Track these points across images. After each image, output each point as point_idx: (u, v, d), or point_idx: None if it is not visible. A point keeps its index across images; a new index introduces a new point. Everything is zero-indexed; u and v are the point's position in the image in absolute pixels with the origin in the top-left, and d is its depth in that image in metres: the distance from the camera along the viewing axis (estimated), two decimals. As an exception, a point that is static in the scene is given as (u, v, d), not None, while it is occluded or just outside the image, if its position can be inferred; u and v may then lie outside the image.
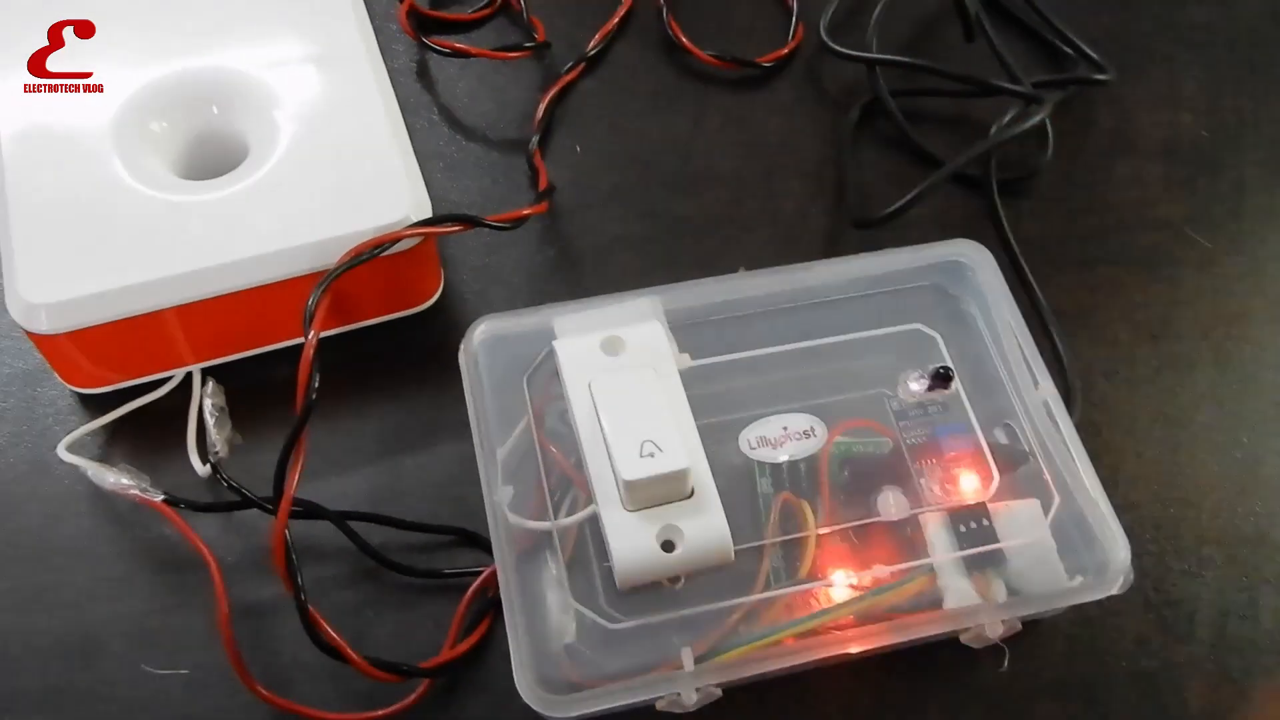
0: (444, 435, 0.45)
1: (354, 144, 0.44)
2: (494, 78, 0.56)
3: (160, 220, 0.42)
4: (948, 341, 0.43)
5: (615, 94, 0.56)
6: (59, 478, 0.43)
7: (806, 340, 0.43)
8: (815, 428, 0.40)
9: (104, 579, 0.42)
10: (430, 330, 0.48)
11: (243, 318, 0.43)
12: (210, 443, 0.41)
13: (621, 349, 0.40)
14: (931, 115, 0.55)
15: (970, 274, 0.44)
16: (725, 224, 0.52)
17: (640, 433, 0.37)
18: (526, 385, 0.41)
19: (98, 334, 0.41)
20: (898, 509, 0.39)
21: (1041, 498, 0.39)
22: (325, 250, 0.42)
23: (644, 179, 0.53)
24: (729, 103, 0.56)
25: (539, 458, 0.39)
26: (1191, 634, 0.42)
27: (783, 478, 0.40)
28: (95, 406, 0.45)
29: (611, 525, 0.37)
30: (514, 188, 0.52)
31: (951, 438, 0.41)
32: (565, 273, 0.50)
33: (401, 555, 0.42)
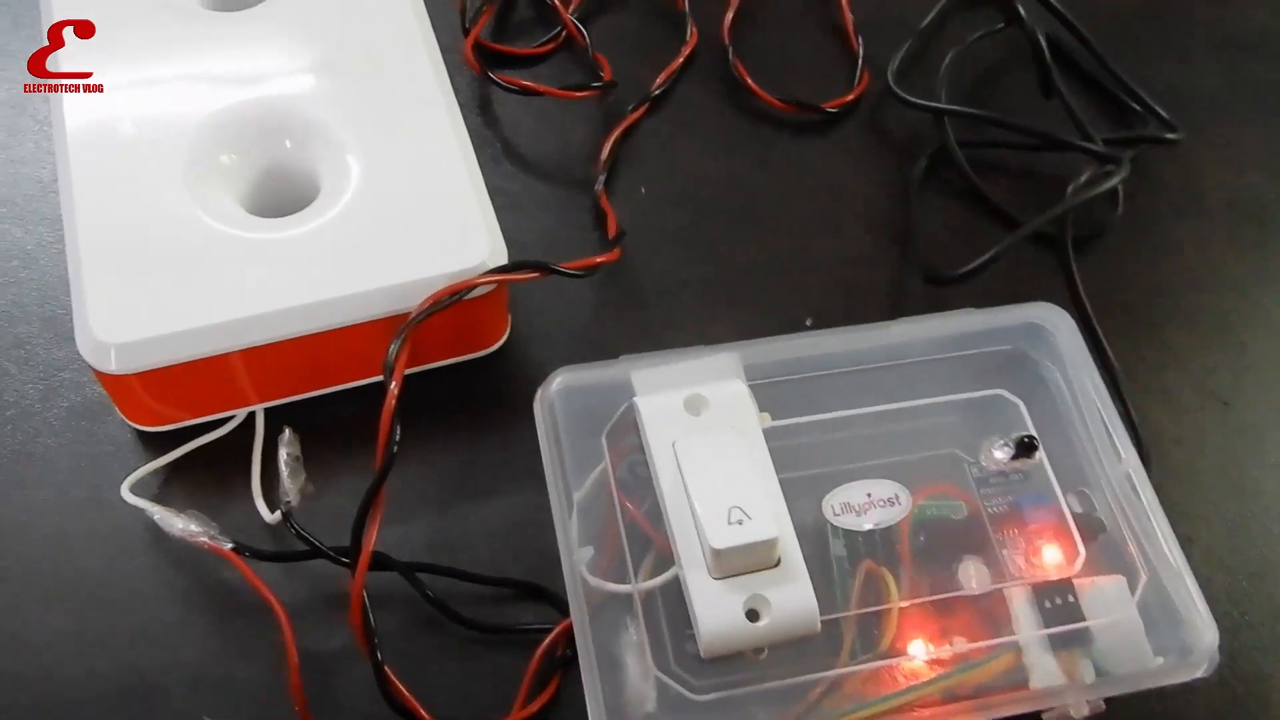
0: (509, 482, 0.44)
1: (429, 185, 0.44)
2: (557, 114, 0.55)
3: (233, 259, 0.41)
4: (1030, 408, 0.42)
5: (679, 134, 0.55)
6: (119, 517, 0.42)
7: (884, 402, 0.42)
8: (900, 495, 0.40)
9: (164, 623, 0.41)
10: (495, 374, 0.47)
11: (310, 359, 0.43)
12: (283, 491, 0.40)
13: (704, 408, 0.39)
14: (998, 167, 0.55)
15: (1050, 338, 0.43)
16: (790, 270, 0.51)
17: (728, 498, 0.36)
18: (605, 441, 0.40)
19: (164, 374, 0.40)
20: (980, 581, 0.39)
21: (1126, 573, 0.38)
22: (400, 295, 0.41)
23: (708, 222, 0.52)
24: (793, 147, 0.55)
25: (617, 516, 0.39)
26: (1267, 712, 0.41)
27: (858, 542, 0.40)
28: (154, 443, 0.44)
29: (697, 592, 0.36)
30: (577, 227, 0.52)
31: (1035, 508, 0.40)
32: (630, 316, 0.49)
33: (465, 606, 0.42)
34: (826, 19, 0.60)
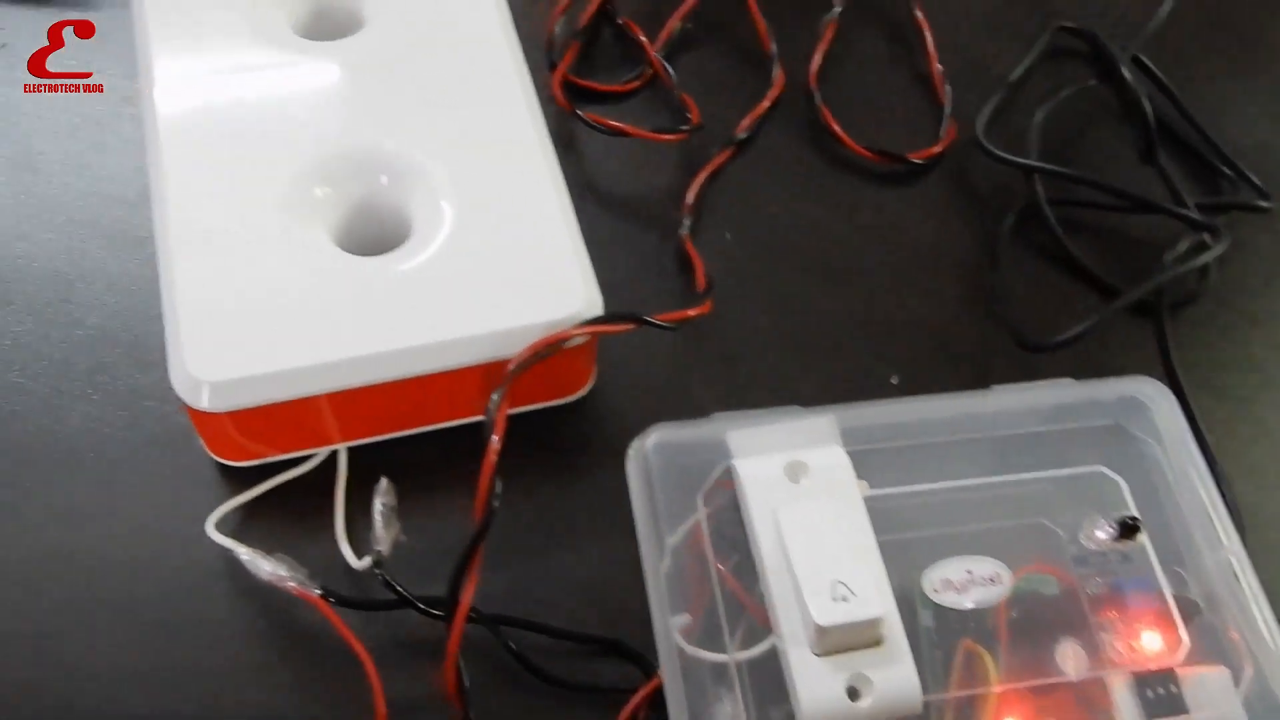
0: (590, 534, 0.44)
1: (526, 230, 0.43)
2: (639, 153, 0.54)
3: (327, 298, 0.41)
4: (1130, 487, 0.41)
5: (763, 179, 0.55)
6: (199, 551, 0.42)
7: (980, 473, 0.41)
8: (1000, 574, 0.39)
9: (245, 665, 0.40)
10: (578, 422, 0.46)
11: (399, 401, 0.42)
12: (375, 539, 0.39)
13: (804, 474, 0.39)
14: (1086, 227, 0.54)
15: (1150, 414, 0.42)
16: (875, 324, 0.51)
17: (832, 572, 0.36)
18: (701, 502, 0.39)
19: (255, 412, 0.40)
20: (1079, 666, 0.38)
21: (1228, 664, 0.38)
22: (495, 342, 0.41)
23: (793, 271, 0.52)
24: (878, 197, 0.55)
25: (713, 581, 0.38)
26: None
27: (949, 616, 0.39)
28: (235, 476, 0.43)
29: (798, 668, 0.35)
30: (660, 272, 0.51)
31: (1135, 592, 0.39)
32: (713, 367, 0.49)
33: (544, 659, 0.41)
34: (913, 67, 0.59)
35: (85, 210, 0.49)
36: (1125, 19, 0.59)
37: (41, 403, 0.45)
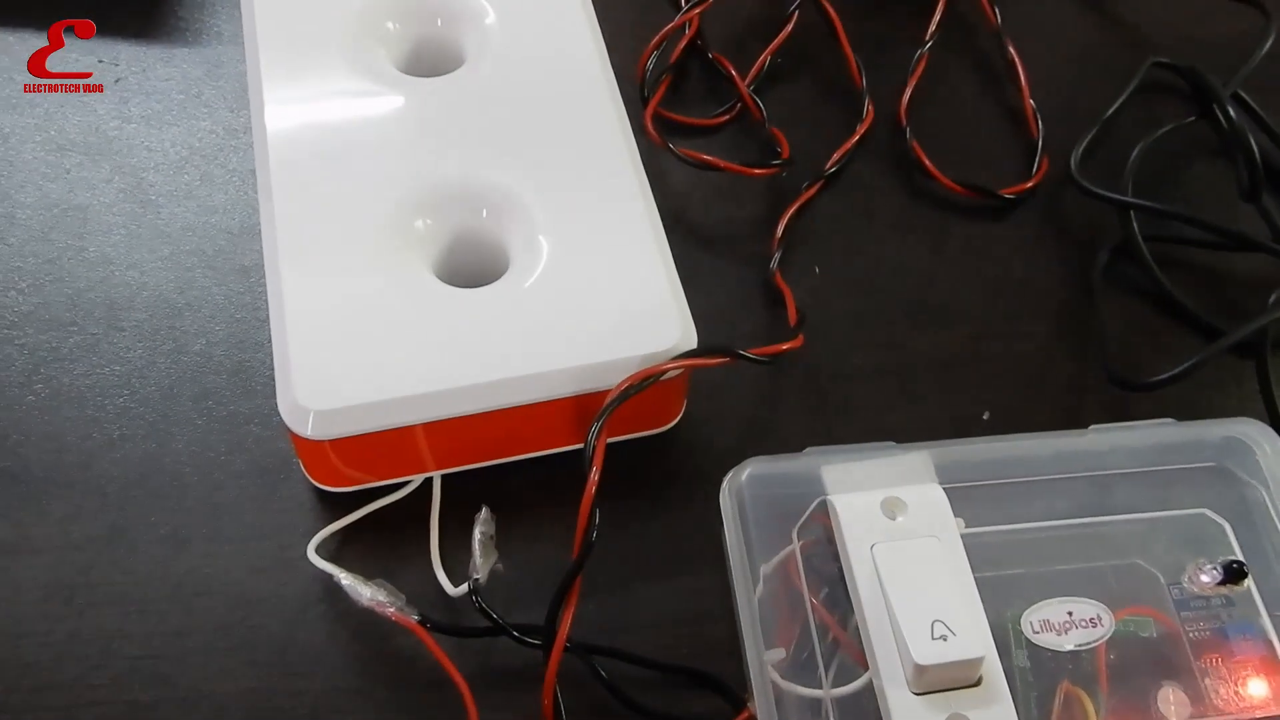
0: (681, 566, 0.44)
1: (622, 264, 0.44)
2: (729, 188, 0.55)
3: (429, 328, 0.42)
4: (1235, 530, 0.40)
5: (852, 215, 0.55)
6: (299, 576, 0.43)
7: (1079, 512, 0.41)
8: (1102, 616, 0.38)
9: (342, 690, 0.41)
10: (668, 454, 0.46)
11: (494, 431, 0.43)
12: (473, 567, 0.40)
13: (901, 511, 0.39)
14: (1182, 264, 0.53)
15: (1254, 456, 0.41)
16: (967, 362, 0.50)
17: (930, 611, 0.35)
18: (796, 536, 0.39)
19: (357, 440, 0.41)
20: (1180, 712, 0.37)
21: (1338, 714, 0.37)
22: (591, 375, 0.41)
23: (882, 307, 0.52)
24: (969, 232, 0.54)
25: (809, 616, 0.38)
26: None
27: (1045, 659, 0.38)
28: (332, 502, 0.44)
29: (896, 707, 0.35)
30: (749, 305, 0.51)
31: (1240, 638, 0.38)
32: (803, 402, 0.49)
33: (635, 691, 0.41)
34: (1005, 102, 0.59)
35: (192, 240, 0.51)
36: (1223, 56, 0.58)
37: (148, 427, 0.46)
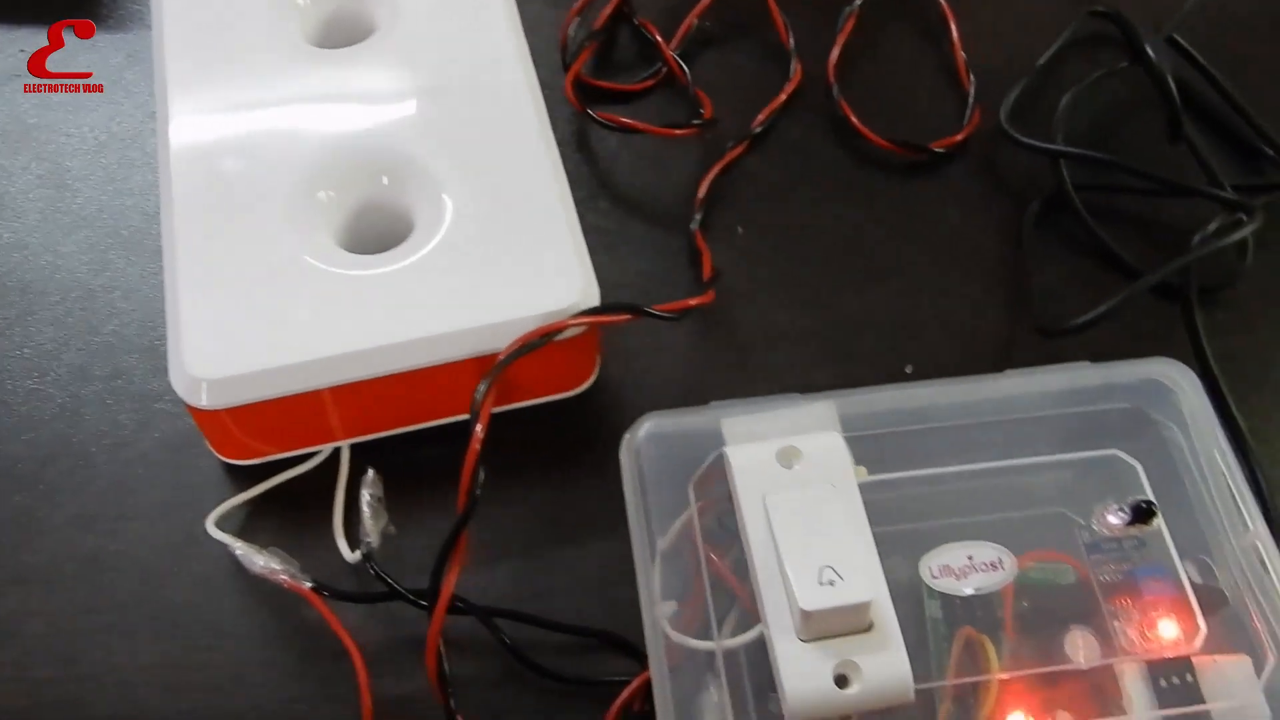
0: (593, 529, 0.43)
1: (524, 224, 0.43)
2: (654, 152, 0.54)
3: (325, 296, 0.41)
4: (1148, 471, 0.39)
5: (780, 174, 0.54)
6: (206, 551, 0.42)
7: (989, 458, 0.40)
8: (1003, 560, 0.37)
9: (248, 663, 0.40)
10: (582, 417, 0.46)
11: (400, 396, 0.42)
12: (364, 532, 0.40)
13: (797, 460, 0.38)
14: (1117, 213, 0.52)
15: (1172, 397, 0.40)
16: (894, 320, 0.49)
17: (820, 558, 0.34)
18: (692, 491, 0.38)
19: (254, 409, 0.40)
20: (1088, 654, 0.36)
21: (1250, 653, 0.36)
22: (491, 335, 0.41)
23: (809, 266, 0.51)
24: (900, 189, 0.54)
25: (703, 570, 0.37)
26: None
27: (956, 606, 0.37)
28: (242, 477, 0.44)
29: (783, 655, 0.34)
30: (672, 267, 0.51)
31: (1151, 579, 0.37)
32: (724, 363, 0.48)
33: (545, 656, 0.40)
34: (938, 58, 0.58)
35: (108, 223, 0.50)
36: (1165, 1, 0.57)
37: (58, 408, 0.46)
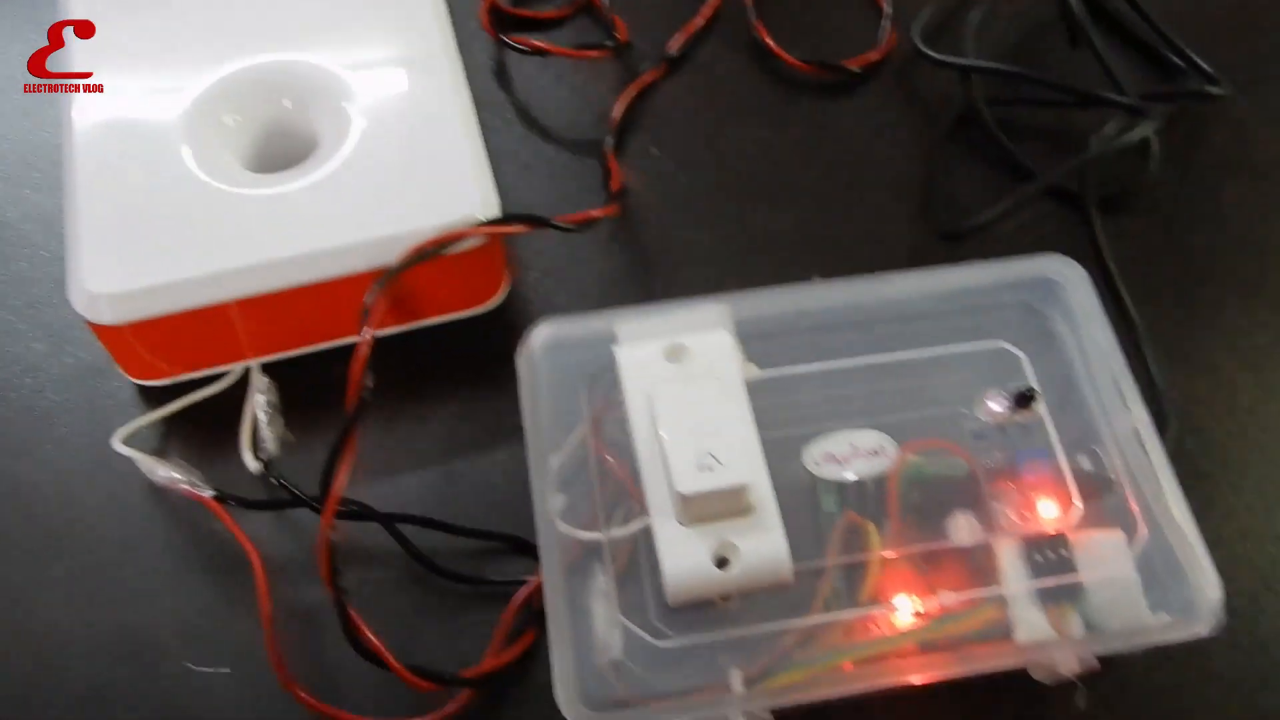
0: (504, 440, 0.44)
1: (424, 141, 0.44)
2: (573, 77, 0.55)
3: (227, 213, 0.42)
4: (1033, 361, 0.40)
5: (697, 97, 0.54)
6: (116, 471, 0.43)
7: (882, 355, 0.41)
8: (885, 446, 0.38)
9: (156, 574, 0.41)
10: (493, 332, 0.46)
11: (305, 313, 0.43)
12: (261, 439, 0.40)
13: (685, 357, 0.38)
14: (1029, 127, 0.53)
15: (1061, 292, 0.41)
16: (806, 236, 0.50)
17: (700, 445, 0.35)
18: (586, 391, 0.39)
19: (159, 326, 0.41)
20: (969, 534, 0.37)
21: (1127, 529, 0.36)
22: (391, 247, 0.41)
23: (723, 186, 0.51)
24: (815, 109, 0.54)
25: (592, 466, 0.38)
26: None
27: (849, 498, 0.38)
28: (155, 400, 0.45)
29: (664, 539, 0.35)
30: (589, 190, 0.51)
31: (1032, 462, 0.38)
32: (636, 280, 0.49)
33: (452, 561, 0.41)
34: (855, -21, 0.58)
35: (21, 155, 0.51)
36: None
37: (-30, 337, 0.46)
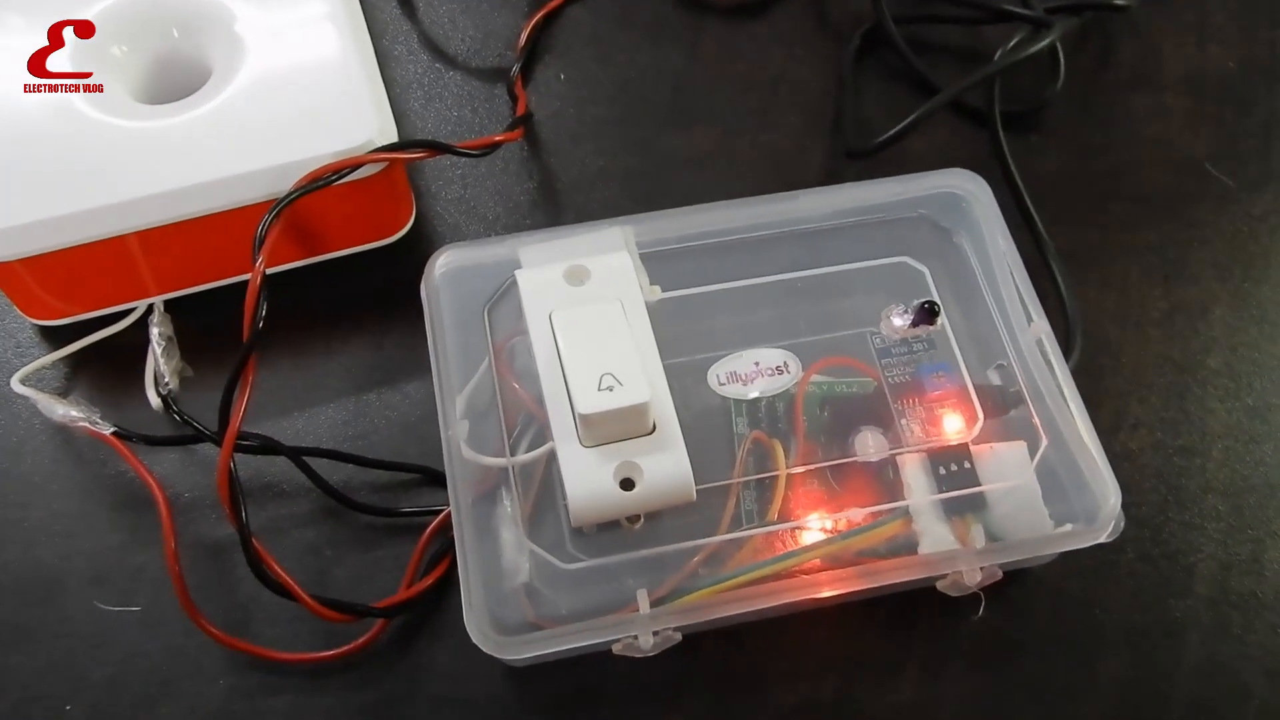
0: (413, 373, 0.44)
1: (318, 68, 0.43)
2: (477, 3, 0.54)
3: (117, 146, 0.41)
4: (936, 276, 0.40)
5: (604, 21, 0.54)
6: (16, 412, 0.42)
7: (786, 273, 0.40)
8: (789, 363, 0.38)
9: (61, 515, 0.40)
10: (401, 264, 0.46)
11: (202, 247, 0.42)
12: (159, 374, 0.39)
13: (586, 279, 0.38)
14: (939, 45, 0.52)
15: (965, 206, 0.41)
16: (716, 160, 0.49)
17: (601, 366, 0.35)
18: (487, 317, 0.39)
19: (52, 261, 0.40)
20: (876, 450, 0.37)
21: (1030, 441, 0.37)
22: (286, 175, 0.40)
23: (632, 111, 0.51)
24: (725, 31, 0.53)
25: (496, 392, 0.37)
26: (1190, 588, 0.40)
27: (759, 417, 0.38)
28: (57, 340, 0.43)
29: (567, 461, 0.35)
30: (495, 118, 0.50)
31: (936, 376, 0.38)
32: (545, 206, 0.48)
33: (364, 495, 0.41)
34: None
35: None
36: None
37: None
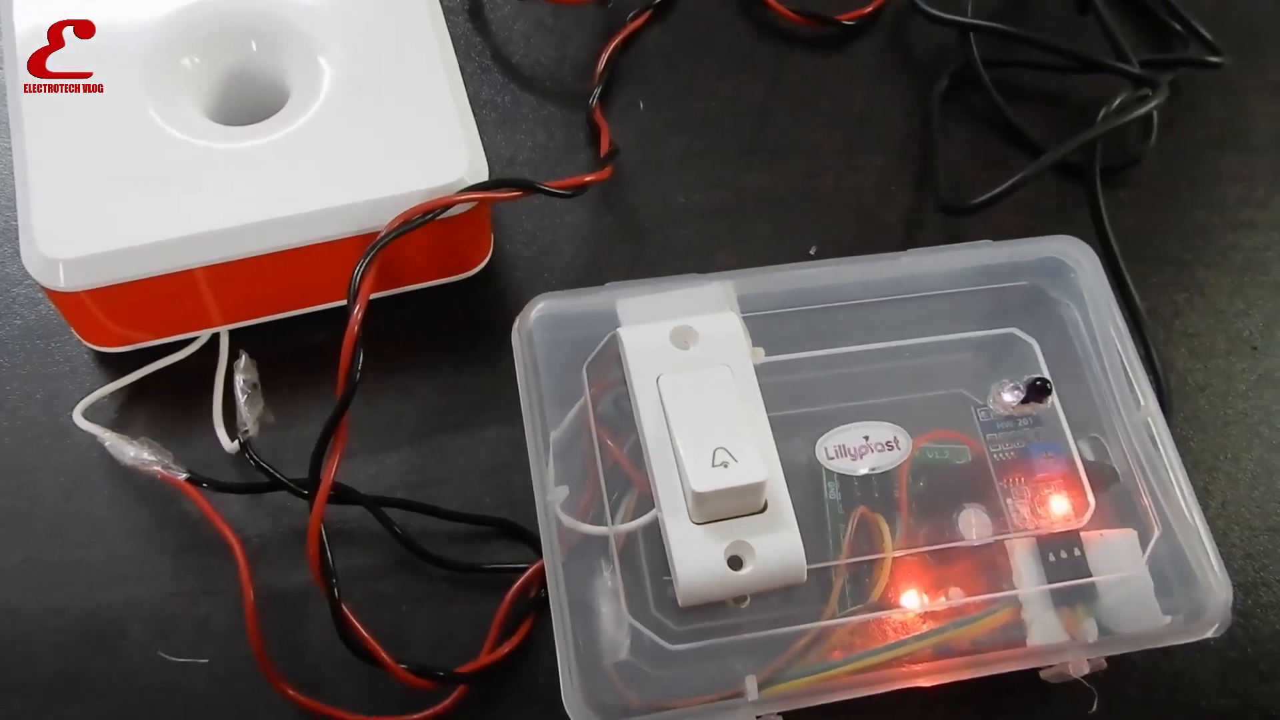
0: (489, 415, 0.42)
1: (407, 95, 0.41)
2: (553, 22, 0.52)
3: (191, 169, 0.39)
4: (1044, 349, 0.39)
5: (684, 47, 0.52)
6: (75, 443, 0.40)
7: (888, 338, 0.39)
8: (899, 439, 0.37)
9: (123, 558, 0.39)
10: (477, 299, 0.44)
11: (276, 279, 0.40)
12: (240, 420, 0.38)
13: (693, 341, 0.37)
14: (1025, 89, 0.51)
15: (1071, 275, 0.40)
16: (799, 199, 0.48)
17: (713, 439, 0.34)
18: (585, 373, 0.37)
19: (119, 292, 0.38)
20: (981, 532, 0.36)
21: (1137, 527, 0.36)
22: (372, 212, 0.38)
23: (712, 144, 0.49)
24: (807, 64, 0.52)
25: (596, 454, 0.36)
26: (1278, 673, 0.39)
27: (854, 488, 0.37)
28: (114, 364, 0.42)
29: (676, 538, 0.33)
30: (570, 144, 0.49)
31: (1044, 456, 0.37)
32: (623, 243, 0.46)
33: (439, 545, 0.39)
34: (847, -73, 0.56)
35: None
36: None
37: (-87, 294, 0.43)
